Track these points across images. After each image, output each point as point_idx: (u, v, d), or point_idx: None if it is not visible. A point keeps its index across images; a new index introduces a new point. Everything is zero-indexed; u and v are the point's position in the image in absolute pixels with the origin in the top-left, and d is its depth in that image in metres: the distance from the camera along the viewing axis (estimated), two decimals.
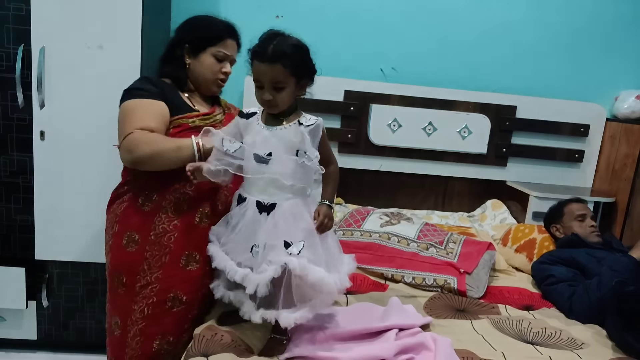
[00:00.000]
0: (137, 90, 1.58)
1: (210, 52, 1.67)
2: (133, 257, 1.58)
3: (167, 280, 1.58)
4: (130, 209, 1.61)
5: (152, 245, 1.58)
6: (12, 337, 2.38)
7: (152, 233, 1.58)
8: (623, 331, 1.62)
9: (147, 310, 1.58)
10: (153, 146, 1.49)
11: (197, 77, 1.69)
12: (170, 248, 1.58)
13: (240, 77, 2.71)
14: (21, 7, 2.07)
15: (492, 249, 2.24)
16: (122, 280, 1.60)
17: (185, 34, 1.69)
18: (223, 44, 1.68)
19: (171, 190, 1.59)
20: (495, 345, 1.59)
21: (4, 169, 2.20)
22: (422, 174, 2.92)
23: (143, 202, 1.60)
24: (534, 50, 2.92)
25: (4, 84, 2.12)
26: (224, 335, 1.48)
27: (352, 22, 2.80)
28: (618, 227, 2.74)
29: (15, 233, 2.26)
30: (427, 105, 2.80)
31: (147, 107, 1.56)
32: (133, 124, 1.51)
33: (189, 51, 1.68)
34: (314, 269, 1.35)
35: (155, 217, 1.58)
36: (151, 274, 1.58)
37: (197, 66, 1.68)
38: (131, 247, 1.58)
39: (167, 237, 1.58)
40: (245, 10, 2.74)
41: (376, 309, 1.70)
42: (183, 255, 1.60)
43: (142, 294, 1.58)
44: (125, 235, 1.59)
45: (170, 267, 1.58)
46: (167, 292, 1.58)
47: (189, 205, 1.60)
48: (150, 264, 1.58)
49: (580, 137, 2.92)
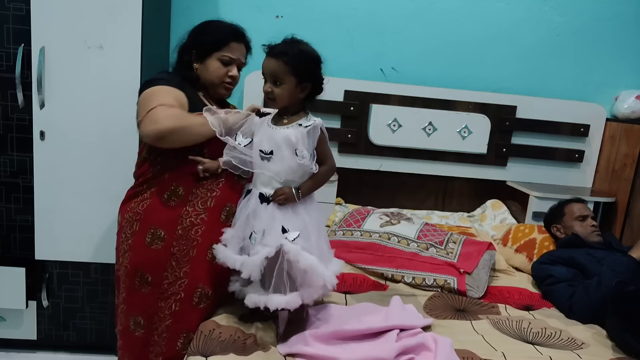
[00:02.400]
0: (158, 79, 1.61)
1: (216, 57, 1.68)
2: (159, 254, 1.59)
3: (195, 274, 1.59)
4: (154, 205, 1.61)
5: (179, 240, 1.59)
6: (12, 337, 2.38)
7: (179, 227, 1.59)
8: (623, 331, 1.62)
9: (175, 306, 1.59)
10: (178, 119, 1.51)
11: (205, 82, 1.71)
12: (198, 241, 1.59)
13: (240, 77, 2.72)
14: (21, 7, 2.07)
15: (492, 249, 2.24)
16: (147, 279, 1.60)
17: (193, 39, 1.71)
18: (228, 48, 1.69)
19: (198, 186, 1.61)
20: (495, 345, 1.59)
21: (4, 169, 2.20)
22: (422, 174, 2.92)
23: (169, 197, 1.60)
24: (534, 50, 2.92)
25: (4, 84, 2.12)
26: (222, 332, 1.48)
27: (352, 22, 2.80)
28: (618, 227, 2.74)
29: (15, 233, 2.26)
30: (427, 105, 2.80)
31: (168, 91, 1.58)
32: (156, 102, 1.52)
33: (195, 57, 1.70)
34: (306, 256, 1.43)
35: (182, 210, 1.60)
36: (179, 269, 1.59)
37: (203, 71, 1.70)
38: (156, 244, 1.59)
39: (195, 230, 1.60)
40: (245, 11, 2.74)
41: (378, 309, 1.70)
42: (209, 249, 1.60)
43: (171, 291, 1.59)
44: (148, 233, 1.59)
45: (197, 261, 1.60)
46: (195, 286, 1.60)
47: (215, 202, 1.61)
48: (178, 259, 1.59)
49: (580, 137, 2.92)
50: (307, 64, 1.48)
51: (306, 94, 1.52)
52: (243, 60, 1.76)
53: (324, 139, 1.51)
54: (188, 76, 1.70)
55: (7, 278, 2.24)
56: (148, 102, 1.54)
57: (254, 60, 2.77)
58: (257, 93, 2.70)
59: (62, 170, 2.18)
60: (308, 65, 1.48)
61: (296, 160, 1.46)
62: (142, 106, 1.56)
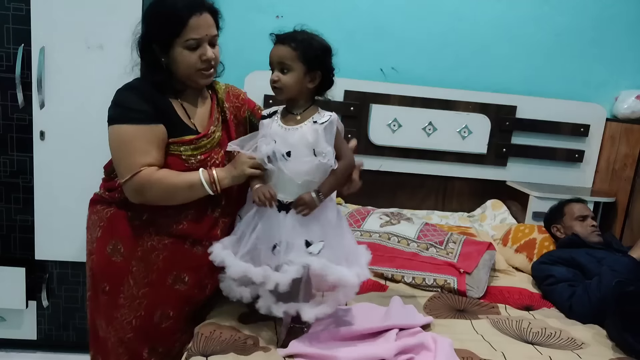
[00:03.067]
0: (133, 112, 1.40)
1: (179, 45, 1.41)
2: (118, 267, 1.50)
3: (154, 297, 1.52)
4: (117, 218, 1.51)
5: (138, 261, 1.50)
6: (12, 337, 2.38)
7: (139, 249, 1.50)
8: (623, 331, 1.62)
9: (135, 322, 1.53)
10: (164, 187, 1.41)
11: (179, 77, 1.47)
12: (158, 266, 1.51)
13: (240, 77, 2.72)
14: (21, 7, 2.07)
15: (492, 249, 2.24)
16: (104, 287, 1.53)
17: (146, 30, 1.45)
18: (189, 29, 1.39)
19: (165, 214, 1.49)
20: (495, 345, 1.59)
21: (4, 169, 2.20)
22: (422, 174, 2.91)
23: (133, 217, 1.50)
24: (534, 50, 2.91)
25: (4, 84, 2.12)
26: (222, 332, 1.48)
27: (352, 22, 2.80)
28: (618, 227, 2.74)
29: (15, 233, 2.26)
30: (427, 105, 2.80)
31: (146, 136, 1.40)
32: (137, 158, 1.39)
33: (158, 51, 1.44)
34: (334, 269, 1.38)
35: (145, 232, 1.50)
36: (137, 289, 1.51)
37: (174, 66, 1.45)
38: (116, 257, 1.51)
39: (155, 254, 1.51)
40: (245, 11, 2.74)
41: (377, 309, 1.70)
42: (170, 275, 1.53)
43: (130, 306, 1.52)
44: (110, 242, 1.51)
45: (157, 285, 1.52)
46: (155, 307, 1.53)
47: (182, 230, 1.51)
48: (136, 278, 1.51)
49: (580, 137, 2.92)
50: (316, 51, 1.41)
51: (315, 86, 1.45)
52: (214, 31, 1.46)
53: (340, 134, 1.45)
54: (159, 82, 1.45)
55: (7, 278, 2.24)
56: (128, 156, 1.40)
57: (255, 60, 2.79)
58: (257, 93, 2.72)
59: (62, 170, 2.19)
60: (317, 52, 1.41)
61: (316, 160, 1.39)
62: (119, 155, 1.42)
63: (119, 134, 1.42)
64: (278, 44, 1.42)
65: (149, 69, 1.47)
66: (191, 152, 1.48)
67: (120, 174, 1.43)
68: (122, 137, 1.41)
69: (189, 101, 1.54)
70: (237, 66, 2.78)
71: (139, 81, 1.49)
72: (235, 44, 2.76)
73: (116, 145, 1.43)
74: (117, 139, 1.42)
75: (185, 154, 1.47)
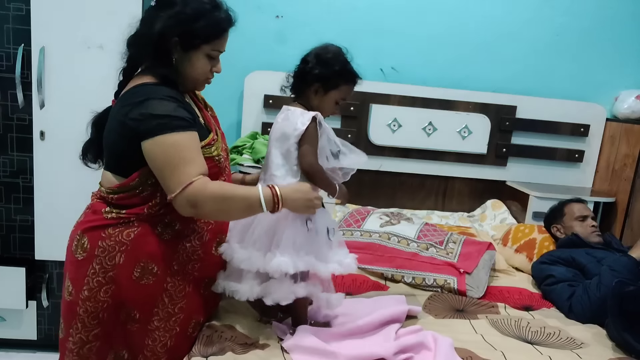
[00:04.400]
0: (175, 119, 1.30)
1: (204, 51, 1.38)
2: (150, 290, 1.40)
3: (190, 309, 1.47)
4: (145, 237, 1.38)
5: (174, 276, 1.42)
6: (12, 337, 2.38)
7: (174, 263, 1.42)
8: (623, 331, 1.62)
9: (170, 342, 1.44)
10: (220, 203, 1.33)
11: (184, 78, 1.41)
12: (194, 276, 1.46)
13: (240, 77, 2.72)
14: (21, 7, 2.07)
15: (492, 249, 2.24)
16: (134, 315, 1.40)
17: (176, 24, 1.33)
18: (220, 41, 1.40)
19: (195, 219, 1.44)
20: (495, 345, 1.58)
21: (4, 169, 2.20)
22: (422, 174, 2.92)
23: (163, 231, 1.40)
24: (534, 50, 2.92)
25: (4, 84, 2.13)
26: (223, 333, 1.48)
27: (352, 22, 2.80)
28: (618, 227, 2.74)
29: (15, 233, 2.26)
30: (427, 105, 2.80)
31: (192, 143, 1.32)
32: (187, 168, 1.29)
33: (177, 47, 1.36)
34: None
35: (179, 245, 1.43)
36: (173, 305, 1.43)
37: (185, 66, 1.39)
38: (147, 280, 1.39)
39: (192, 265, 1.45)
40: (246, 11, 2.74)
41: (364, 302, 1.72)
42: (203, 283, 1.50)
43: (164, 328, 1.43)
44: (137, 266, 1.38)
45: (192, 295, 1.47)
46: (190, 320, 1.48)
47: (210, 235, 1.49)
48: (171, 295, 1.42)
49: (580, 137, 2.92)
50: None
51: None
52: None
53: None
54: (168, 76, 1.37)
55: (7, 278, 2.25)
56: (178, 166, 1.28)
57: (255, 60, 2.79)
58: (257, 93, 2.73)
59: (62, 170, 2.19)
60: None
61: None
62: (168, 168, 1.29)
63: (163, 145, 1.29)
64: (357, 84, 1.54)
65: (157, 61, 1.36)
66: (217, 152, 1.44)
67: (170, 188, 1.30)
68: (168, 149, 1.29)
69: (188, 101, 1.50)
70: (237, 66, 2.80)
71: (159, 87, 1.35)
72: (235, 44, 2.75)
73: (163, 158, 1.30)
74: (162, 152, 1.29)
75: (215, 155, 1.43)
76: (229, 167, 1.59)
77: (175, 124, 1.30)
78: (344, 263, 1.48)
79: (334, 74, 1.48)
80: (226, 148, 1.58)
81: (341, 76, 1.49)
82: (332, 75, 1.47)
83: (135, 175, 1.36)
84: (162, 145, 1.29)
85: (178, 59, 1.37)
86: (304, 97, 1.52)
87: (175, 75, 1.38)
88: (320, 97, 1.50)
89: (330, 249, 1.48)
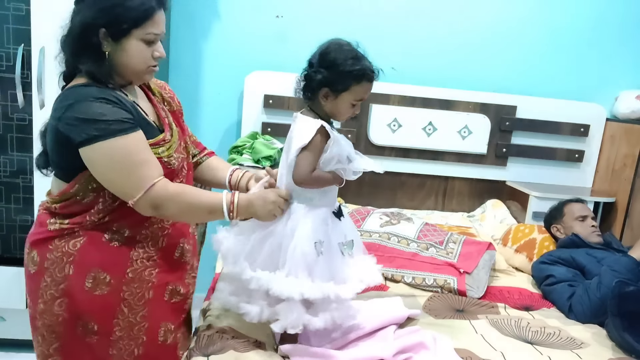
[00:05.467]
0: (114, 123, 1.23)
1: (137, 37, 1.27)
2: (105, 300, 1.33)
3: (154, 316, 1.40)
4: (91, 246, 1.32)
5: (130, 284, 1.35)
6: (12, 337, 2.38)
7: (128, 270, 1.35)
8: (623, 331, 1.62)
9: (138, 350, 1.39)
10: (183, 205, 1.30)
11: (123, 70, 1.30)
12: (153, 283, 1.39)
13: (240, 77, 2.72)
14: (21, 7, 2.07)
15: (492, 249, 2.24)
16: (92, 327, 1.33)
17: (97, 13, 1.23)
18: (152, 22, 1.27)
19: (147, 225, 1.37)
20: (495, 345, 1.59)
21: (4, 169, 2.20)
22: (422, 174, 2.92)
23: (111, 238, 1.34)
24: (534, 50, 2.91)
25: (4, 84, 2.13)
26: (223, 333, 1.48)
27: (352, 22, 2.80)
28: (618, 227, 2.74)
29: (15, 233, 2.26)
30: (427, 105, 2.80)
31: (140, 145, 1.27)
32: (143, 171, 1.26)
33: (106, 37, 1.25)
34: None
35: (130, 251, 1.35)
36: (134, 315, 1.37)
37: (120, 56, 1.28)
38: (101, 290, 1.32)
39: (148, 272, 1.38)
40: (245, 10, 2.74)
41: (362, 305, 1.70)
42: (167, 290, 1.43)
43: (128, 337, 1.37)
44: (88, 276, 1.32)
45: (154, 302, 1.40)
46: (157, 327, 1.42)
47: (168, 241, 1.42)
48: (130, 304, 1.36)
49: (580, 137, 2.92)
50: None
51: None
52: (164, 29, 1.33)
53: None
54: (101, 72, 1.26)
55: (7, 278, 2.24)
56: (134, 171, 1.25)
57: (255, 60, 2.79)
58: (257, 93, 2.72)
59: None
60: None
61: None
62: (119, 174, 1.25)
63: (109, 150, 1.23)
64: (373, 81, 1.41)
65: (87, 58, 1.25)
66: (168, 152, 1.36)
67: (128, 194, 1.26)
68: (115, 153, 1.23)
69: (134, 96, 1.39)
70: (237, 66, 2.80)
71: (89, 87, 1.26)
72: (235, 44, 2.76)
73: (109, 165, 1.25)
74: (109, 157, 1.24)
75: (165, 156, 1.35)
76: (190, 166, 1.51)
77: (114, 129, 1.22)
78: (366, 277, 1.41)
79: (341, 75, 1.33)
80: (186, 146, 1.49)
81: (349, 76, 1.34)
82: (338, 77, 1.33)
83: (75, 182, 1.31)
84: (106, 152, 1.23)
85: (111, 51, 1.27)
86: (316, 102, 1.39)
87: (110, 70, 1.28)
88: (332, 101, 1.36)
89: (348, 265, 1.40)
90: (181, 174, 1.43)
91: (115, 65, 1.28)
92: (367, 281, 1.41)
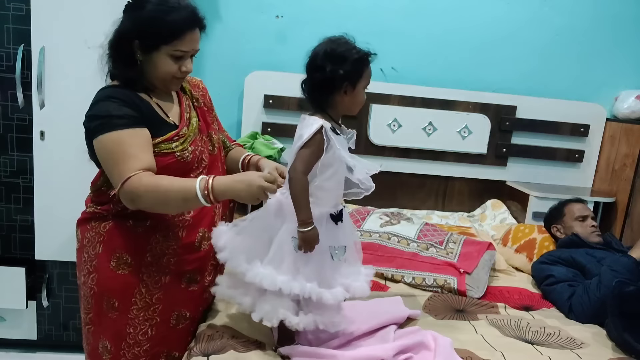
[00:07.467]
0: (115, 118, 1.35)
1: (166, 52, 1.39)
2: (125, 279, 1.45)
3: (169, 300, 1.50)
4: (116, 230, 1.45)
5: (148, 267, 1.46)
6: (12, 337, 2.38)
7: (148, 254, 1.46)
8: (623, 331, 1.62)
9: (151, 331, 1.49)
10: (157, 196, 1.33)
11: (151, 78, 1.44)
12: (171, 270, 1.49)
13: (240, 76, 2.72)
14: (21, 7, 2.07)
15: (492, 249, 2.24)
16: (114, 304, 1.46)
17: (135, 26, 1.38)
18: (181, 41, 1.38)
19: (167, 218, 1.46)
20: (495, 345, 1.59)
21: (4, 169, 2.20)
22: (422, 174, 2.92)
23: (135, 224, 1.45)
24: (534, 50, 2.91)
25: (4, 84, 2.13)
26: (224, 333, 1.48)
27: (352, 22, 2.79)
28: (618, 227, 2.74)
29: (15, 233, 2.26)
30: (427, 105, 2.80)
31: (132, 140, 1.35)
32: (127, 164, 1.32)
33: (138, 48, 1.39)
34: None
35: (151, 238, 1.46)
36: (150, 296, 1.47)
37: (149, 67, 1.42)
38: (123, 270, 1.45)
39: (167, 259, 1.48)
40: (245, 11, 2.74)
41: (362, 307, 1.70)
42: (184, 277, 1.52)
43: (143, 317, 1.47)
44: (113, 256, 1.45)
45: (171, 287, 1.50)
46: (171, 311, 1.51)
47: (187, 231, 1.50)
48: (148, 285, 1.47)
49: (580, 137, 2.92)
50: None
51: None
52: (198, 46, 1.45)
53: None
54: (131, 77, 1.41)
55: (7, 278, 2.25)
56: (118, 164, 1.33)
57: (255, 60, 2.79)
58: (258, 93, 2.72)
59: (62, 170, 2.19)
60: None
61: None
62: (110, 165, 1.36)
63: (105, 143, 1.36)
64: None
65: (121, 63, 1.41)
66: (181, 146, 1.45)
67: (114, 184, 1.36)
68: (108, 146, 1.35)
69: (162, 98, 1.50)
70: (237, 66, 2.80)
71: (111, 88, 1.42)
72: (235, 44, 2.76)
73: (105, 156, 1.37)
74: (105, 149, 1.36)
75: (178, 150, 1.44)
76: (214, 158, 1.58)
77: (115, 123, 1.34)
78: (352, 287, 1.39)
79: (354, 65, 1.37)
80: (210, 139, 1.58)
81: (360, 63, 1.39)
82: (352, 67, 1.36)
83: (100, 173, 1.48)
84: (105, 143, 1.36)
85: (143, 61, 1.41)
86: (330, 103, 1.40)
87: (140, 77, 1.42)
88: (351, 93, 1.39)
89: (338, 271, 1.39)
90: (200, 166, 1.51)
91: (144, 73, 1.42)
92: (353, 292, 1.39)
